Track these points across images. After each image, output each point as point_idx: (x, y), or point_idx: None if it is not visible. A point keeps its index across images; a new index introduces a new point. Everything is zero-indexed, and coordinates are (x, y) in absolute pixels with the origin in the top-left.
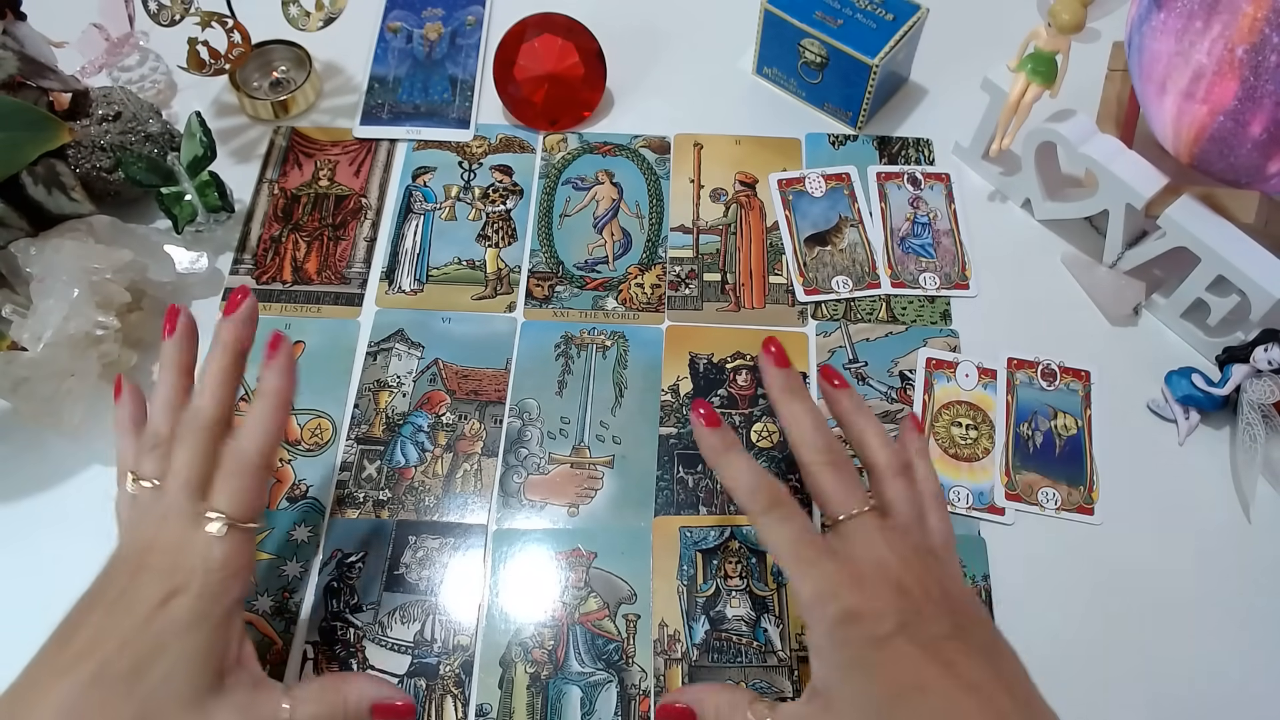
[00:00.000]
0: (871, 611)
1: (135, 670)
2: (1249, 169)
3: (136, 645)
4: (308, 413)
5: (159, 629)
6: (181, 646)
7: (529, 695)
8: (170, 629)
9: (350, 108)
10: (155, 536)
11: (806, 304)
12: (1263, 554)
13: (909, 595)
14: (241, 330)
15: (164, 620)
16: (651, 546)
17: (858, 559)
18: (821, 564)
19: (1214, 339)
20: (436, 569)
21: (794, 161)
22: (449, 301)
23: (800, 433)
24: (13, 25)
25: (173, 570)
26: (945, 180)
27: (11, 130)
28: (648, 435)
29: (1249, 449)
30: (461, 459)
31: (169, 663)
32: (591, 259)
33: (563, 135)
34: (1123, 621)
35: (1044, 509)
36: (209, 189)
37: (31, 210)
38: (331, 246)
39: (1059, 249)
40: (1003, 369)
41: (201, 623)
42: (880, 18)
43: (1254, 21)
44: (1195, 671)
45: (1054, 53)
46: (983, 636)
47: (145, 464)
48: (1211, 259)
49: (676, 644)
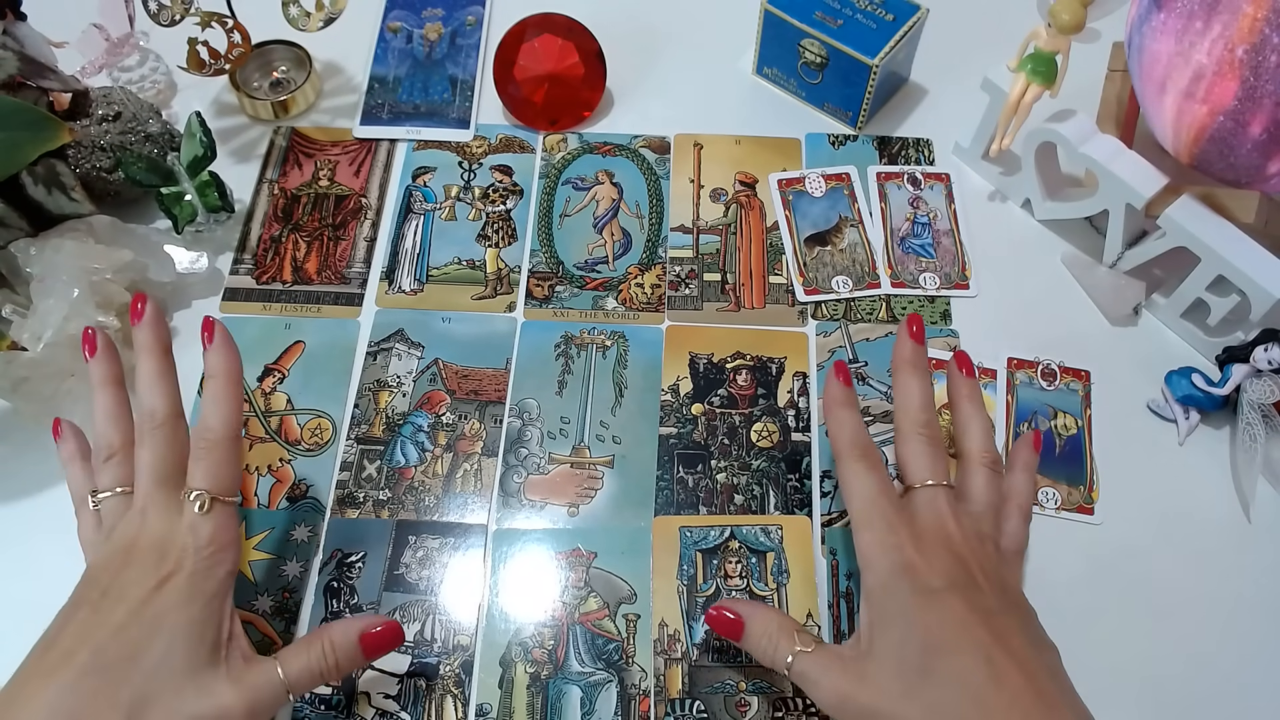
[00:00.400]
0: (925, 567)
1: (132, 653)
2: (1249, 169)
3: (132, 630)
4: (308, 413)
5: (155, 611)
6: (178, 623)
7: (529, 695)
8: (167, 608)
9: (350, 108)
10: (137, 534)
11: (806, 304)
12: (1263, 554)
13: (965, 565)
14: (156, 331)
15: (160, 602)
16: (651, 546)
17: (922, 521)
18: (889, 517)
19: (1214, 339)
20: (436, 569)
21: (794, 161)
22: (449, 301)
23: (908, 402)
24: (13, 25)
25: (162, 558)
26: (945, 180)
27: (11, 130)
28: (648, 435)
29: (1249, 449)
30: (461, 459)
31: (167, 640)
32: (591, 259)
33: (563, 135)
34: (1122, 621)
35: (1044, 509)
36: (209, 189)
37: (31, 210)
38: (331, 246)
39: (1059, 249)
40: (1003, 369)
41: (197, 598)
42: (880, 18)
43: (1254, 21)
44: (1195, 671)
45: (1054, 53)
46: (1033, 626)
47: (104, 477)
48: (1211, 259)
49: (676, 644)
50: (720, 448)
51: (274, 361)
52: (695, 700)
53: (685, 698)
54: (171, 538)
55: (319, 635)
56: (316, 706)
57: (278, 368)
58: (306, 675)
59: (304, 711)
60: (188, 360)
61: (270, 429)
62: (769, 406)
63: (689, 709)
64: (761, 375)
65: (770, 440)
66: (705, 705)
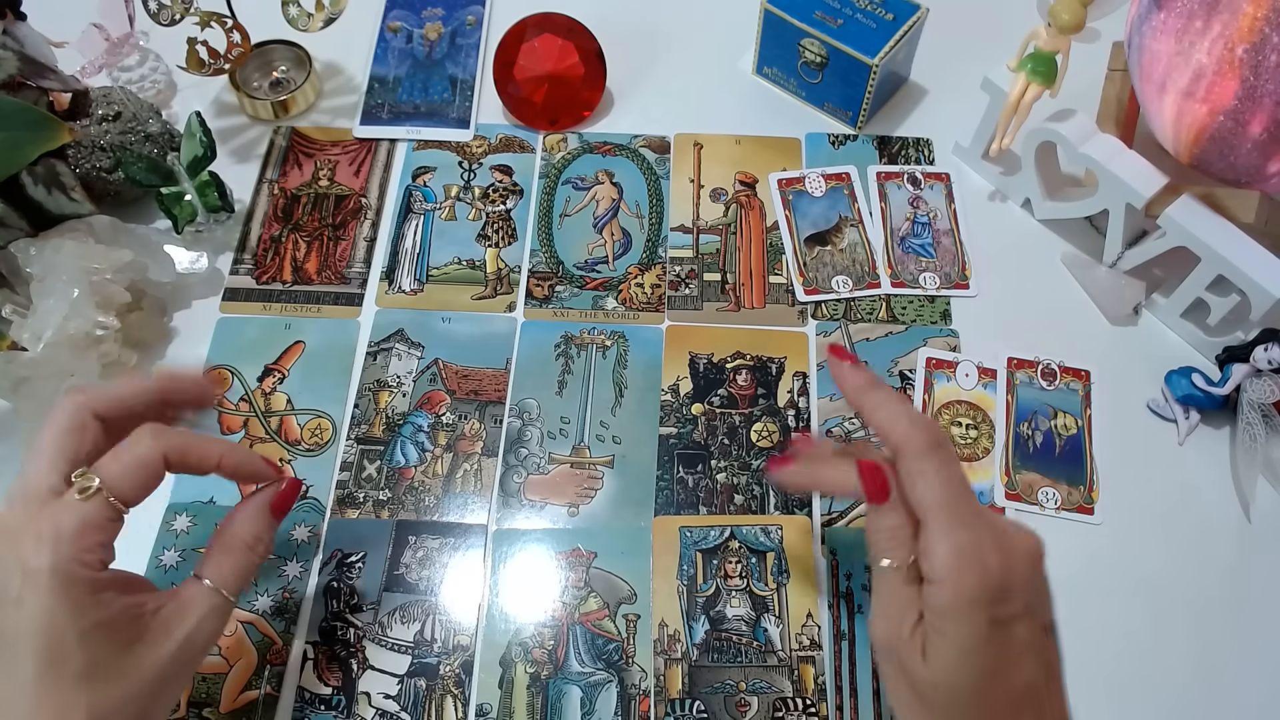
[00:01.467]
0: (1006, 586)
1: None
2: (1249, 169)
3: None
4: (308, 413)
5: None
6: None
7: (529, 695)
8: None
9: (350, 108)
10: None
11: (806, 304)
12: (1263, 554)
13: (1039, 572)
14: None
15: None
16: (651, 546)
17: (1000, 522)
18: (975, 524)
19: (1214, 339)
20: (436, 569)
21: (794, 161)
22: (449, 301)
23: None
24: (13, 25)
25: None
26: (945, 180)
27: (11, 130)
28: (648, 435)
29: (1249, 449)
30: (461, 459)
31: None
32: (591, 259)
33: (563, 135)
34: (1122, 621)
35: (1044, 509)
36: (209, 189)
37: (31, 210)
38: (331, 246)
39: (1059, 249)
40: (1002, 369)
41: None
42: (880, 18)
43: (1254, 21)
44: (1195, 671)
45: (1054, 53)
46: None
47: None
48: (1211, 259)
49: (676, 644)
50: (720, 448)
51: (274, 361)
52: (695, 700)
53: (685, 698)
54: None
55: (231, 537)
56: (316, 707)
57: (278, 368)
58: (243, 577)
59: (304, 711)
60: (189, 359)
61: (270, 429)
62: (769, 406)
63: (689, 709)
64: (761, 375)
65: (770, 440)
66: (705, 705)
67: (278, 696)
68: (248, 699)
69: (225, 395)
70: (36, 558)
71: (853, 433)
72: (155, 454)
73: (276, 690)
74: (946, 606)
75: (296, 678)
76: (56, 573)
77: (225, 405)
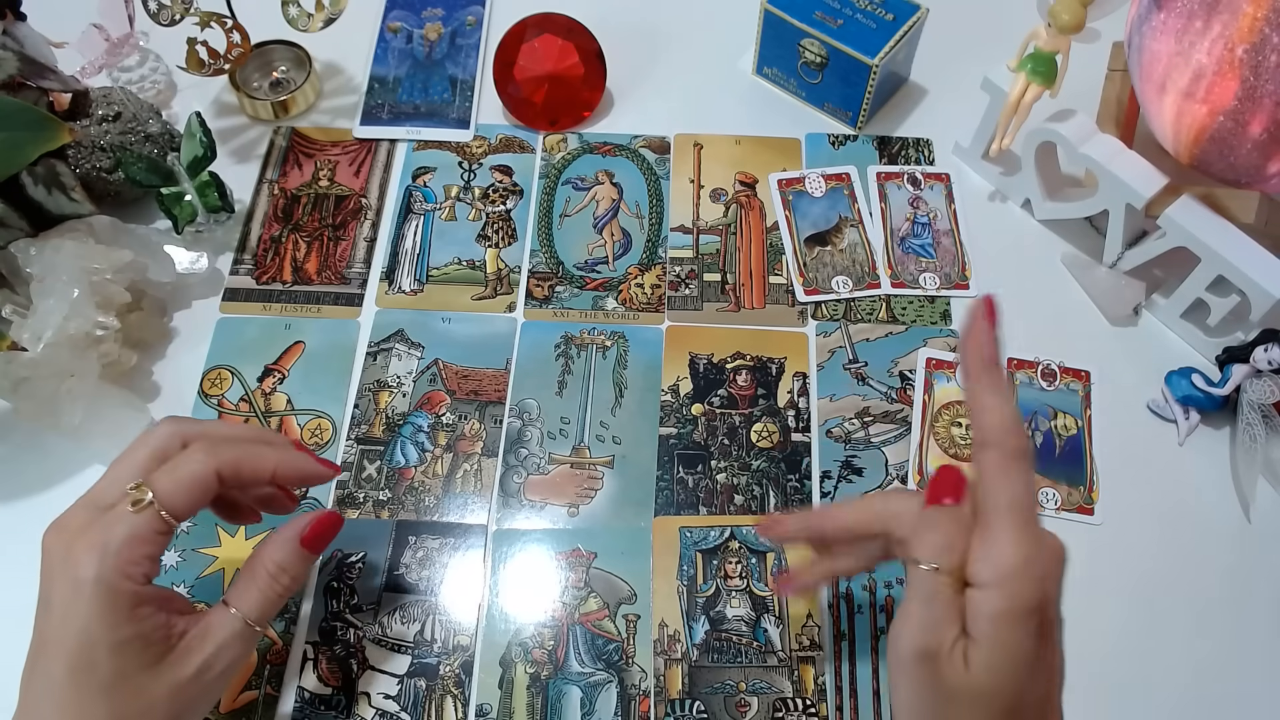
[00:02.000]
0: (1052, 593)
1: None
2: (1249, 169)
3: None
4: (308, 413)
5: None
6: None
7: (529, 695)
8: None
9: (350, 108)
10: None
11: (806, 304)
12: (1263, 554)
13: (1063, 576)
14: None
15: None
16: (651, 546)
17: (1049, 534)
18: (1039, 533)
19: (1214, 339)
20: (436, 569)
21: (794, 161)
22: (449, 301)
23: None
24: (13, 25)
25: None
26: (945, 180)
27: (11, 130)
28: (648, 435)
29: (1249, 449)
30: (461, 459)
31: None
32: (591, 259)
33: (563, 135)
34: (1122, 621)
35: (1044, 509)
36: (209, 189)
37: (31, 210)
38: (331, 246)
39: (1059, 249)
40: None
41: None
42: (880, 18)
43: (1254, 21)
44: (1194, 671)
45: (1054, 53)
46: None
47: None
48: (1211, 259)
49: (676, 644)
50: (720, 448)
51: (274, 362)
52: (695, 700)
53: (685, 698)
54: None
55: (258, 564)
56: (316, 707)
57: (278, 368)
58: (267, 607)
59: (304, 711)
60: (189, 359)
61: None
62: (769, 407)
63: (689, 709)
64: (761, 375)
65: (770, 440)
66: (705, 705)
67: (278, 696)
68: (247, 699)
69: (225, 395)
70: (84, 566)
71: (852, 433)
72: (209, 470)
73: (276, 690)
74: (1000, 613)
75: (296, 678)
76: (100, 582)
77: (225, 405)
